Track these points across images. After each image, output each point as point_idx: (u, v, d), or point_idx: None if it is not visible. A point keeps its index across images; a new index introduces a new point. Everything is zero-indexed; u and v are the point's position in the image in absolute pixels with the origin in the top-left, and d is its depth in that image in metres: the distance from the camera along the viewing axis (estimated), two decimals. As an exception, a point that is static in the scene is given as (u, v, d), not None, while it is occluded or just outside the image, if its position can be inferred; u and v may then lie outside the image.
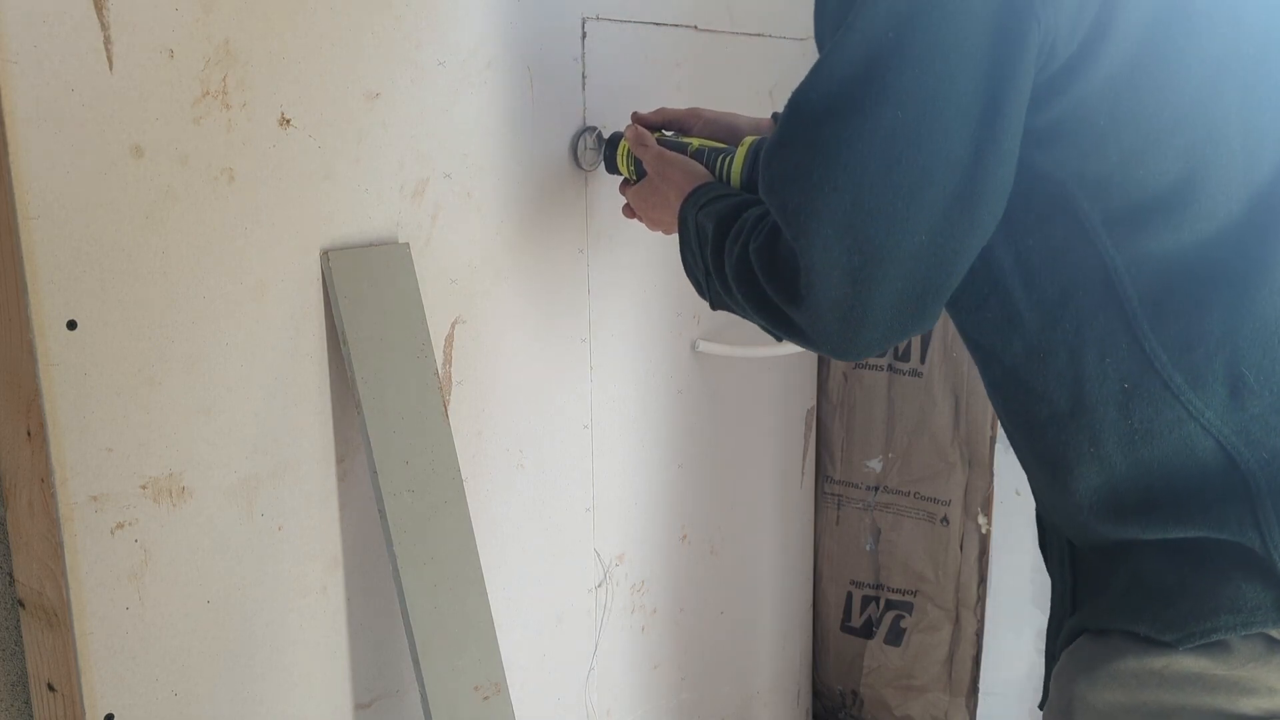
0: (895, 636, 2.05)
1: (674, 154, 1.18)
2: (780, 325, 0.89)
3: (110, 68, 0.93)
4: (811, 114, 0.81)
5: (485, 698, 1.21)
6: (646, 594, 1.66)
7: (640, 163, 1.23)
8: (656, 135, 1.25)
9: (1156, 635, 0.82)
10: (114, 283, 0.96)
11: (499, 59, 1.28)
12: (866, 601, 2.07)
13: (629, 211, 1.27)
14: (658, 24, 1.49)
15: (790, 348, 1.80)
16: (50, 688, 1.02)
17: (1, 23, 0.86)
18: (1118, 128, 0.78)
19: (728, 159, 1.14)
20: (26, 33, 0.88)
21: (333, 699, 1.22)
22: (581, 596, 1.54)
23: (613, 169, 1.33)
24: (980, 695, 2.00)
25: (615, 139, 1.32)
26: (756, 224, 0.90)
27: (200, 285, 1.03)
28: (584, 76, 1.40)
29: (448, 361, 1.28)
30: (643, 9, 1.47)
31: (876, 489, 2.03)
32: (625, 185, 1.29)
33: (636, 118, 1.30)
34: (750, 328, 1.71)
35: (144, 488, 1.01)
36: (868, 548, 2.06)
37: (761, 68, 1.69)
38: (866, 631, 2.08)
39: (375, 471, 1.14)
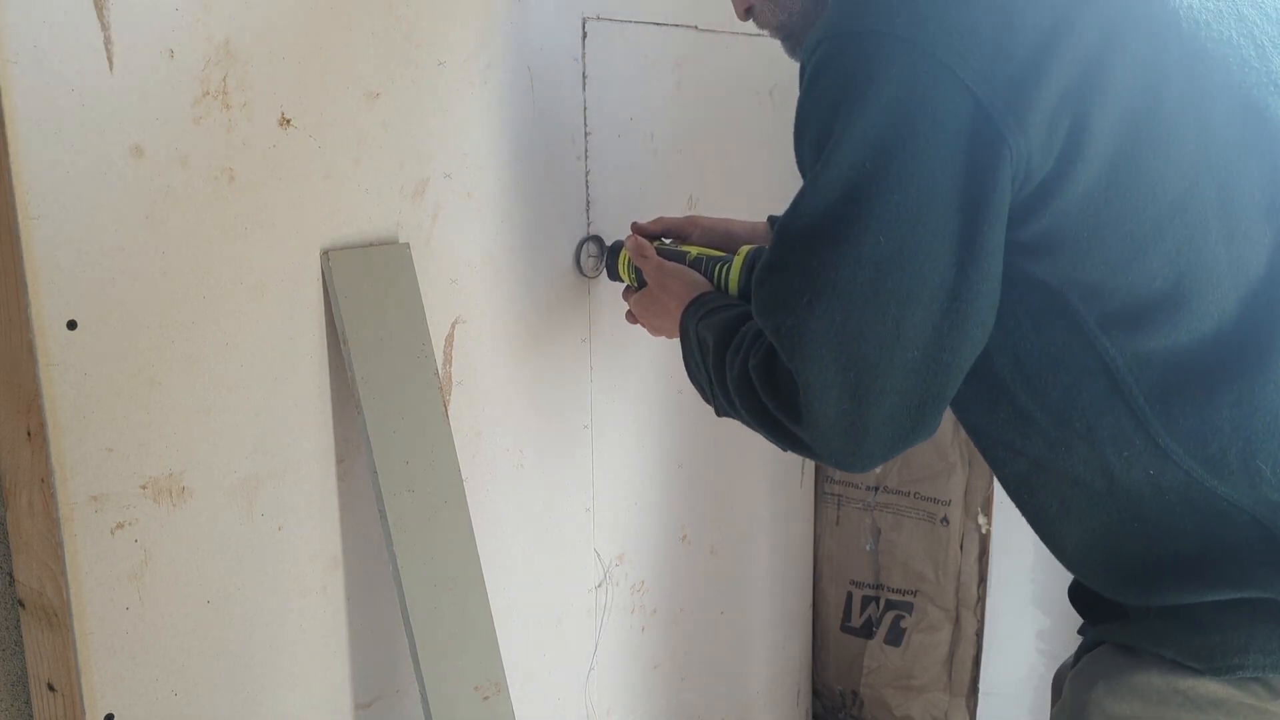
0: (895, 636, 2.05)
1: (673, 264, 1.22)
2: (784, 439, 0.91)
3: (110, 68, 0.93)
4: (799, 240, 0.83)
5: (485, 698, 1.21)
6: (646, 594, 1.66)
7: (641, 271, 1.26)
8: (655, 244, 1.28)
9: (1183, 660, 0.83)
10: (114, 283, 0.96)
11: (499, 59, 1.28)
12: (866, 601, 2.07)
13: (631, 318, 1.30)
14: (658, 24, 1.49)
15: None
16: (50, 688, 1.02)
17: (1, 23, 0.86)
18: (1101, 238, 0.79)
19: (725, 268, 1.17)
20: (26, 33, 0.88)
21: (333, 699, 1.22)
22: (581, 596, 1.54)
23: (614, 276, 1.36)
24: (980, 695, 2.00)
25: (616, 248, 1.35)
26: (755, 340, 0.92)
27: (200, 285, 1.03)
28: (584, 76, 1.40)
29: (448, 361, 1.28)
30: (643, 9, 1.47)
31: (876, 489, 2.03)
32: (628, 292, 1.32)
33: (636, 228, 1.33)
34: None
35: (144, 488, 1.01)
36: (868, 548, 2.06)
37: (761, 68, 1.69)
38: (866, 631, 2.08)
39: (375, 471, 1.14)
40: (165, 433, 1.02)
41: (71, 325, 0.94)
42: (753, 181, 1.72)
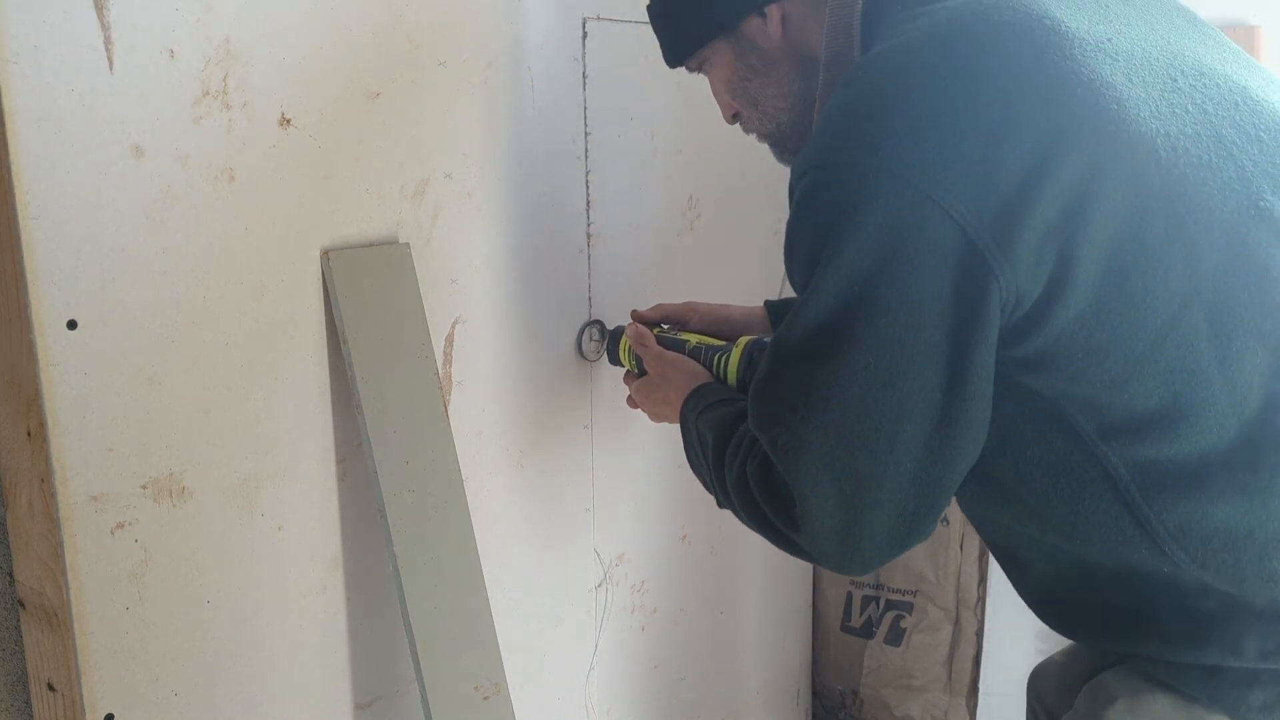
0: (895, 636, 2.05)
1: (673, 354, 1.24)
2: (782, 543, 0.92)
3: (110, 68, 0.93)
4: (792, 356, 0.86)
5: (485, 698, 1.21)
6: (646, 594, 1.66)
7: (641, 359, 1.28)
8: (655, 331, 1.30)
9: (1204, 700, 0.84)
10: (114, 283, 0.96)
11: (499, 59, 1.28)
12: (866, 601, 2.07)
13: (632, 403, 1.32)
14: (658, 24, 1.49)
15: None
16: (50, 687, 1.02)
17: (1, 23, 0.86)
18: (1095, 359, 0.81)
19: (724, 359, 1.19)
20: (26, 33, 0.88)
21: (333, 699, 1.22)
22: (581, 596, 1.54)
23: (615, 361, 1.38)
24: (980, 695, 2.00)
25: (617, 333, 1.37)
26: (752, 445, 0.93)
27: (200, 285, 1.03)
28: (584, 76, 1.40)
29: (448, 361, 1.28)
30: (643, 9, 1.46)
31: (876, 489, 2.02)
32: (629, 377, 1.34)
33: (636, 315, 1.35)
34: (750, 328, 1.69)
35: (144, 488, 1.01)
36: (868, 548, 2.05)
37: (761, 68, 1.69)
38: (866, 631, 2.08)
39: (375, 471, 1.14)
40: (165, 433, 1.02)
41: (71, 325, 0.94)
42: (752, 182, 1.72)
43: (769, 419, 0.87)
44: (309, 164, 1.10)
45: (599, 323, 1.47)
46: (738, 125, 1.16)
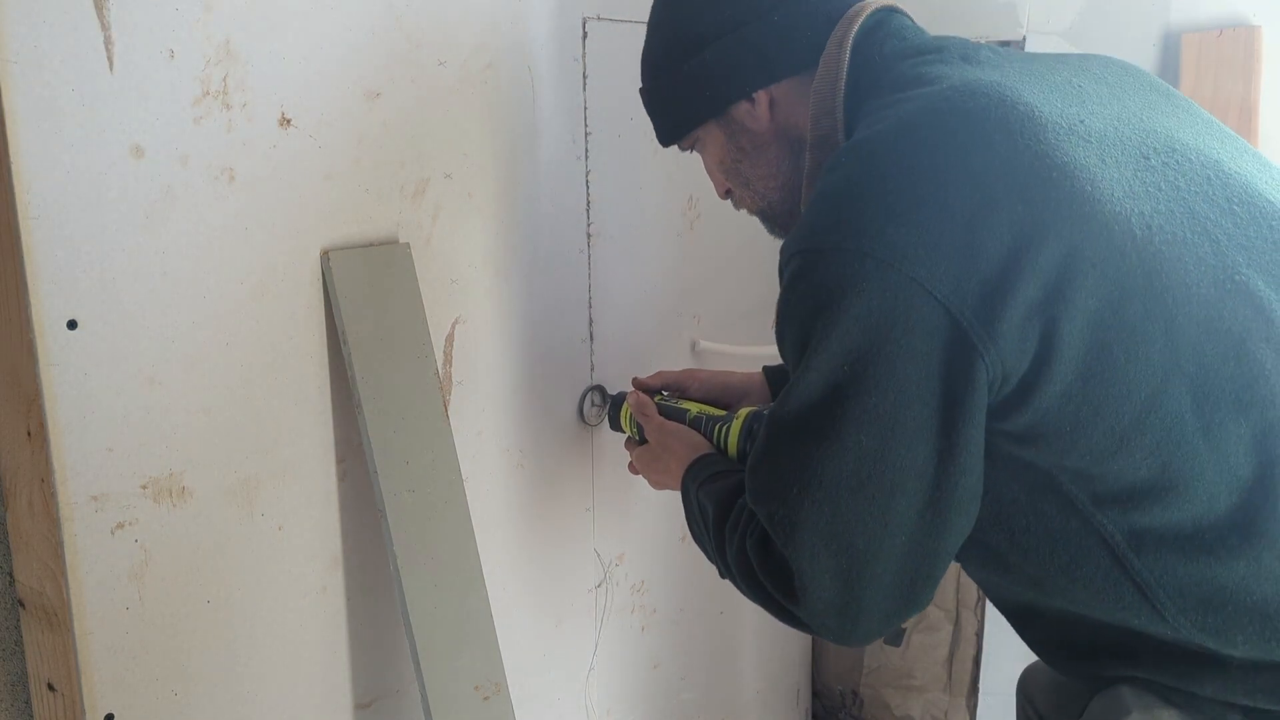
0: (895, 636, 2.05)
1: (674, 425, 1.26)
2: (782, 615, 0.94)
3: (110, 68, 0.93)
4: (787, 433, 0.88)
5: (485, 698, 1.21)
6: (646, 594, 1.66)
7: (643, 428, 1.30)
8: (656, 398, 1.32)
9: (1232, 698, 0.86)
10: (114, 283, 0.96)
11: (500, 59, 1.28)
12: (866, 601, 2.07)
13: (633, 469, 1.33)
14: (658, 24, 1.49)
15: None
16: (50, 688, 1.02)
17: (1, 23, 0.86)
18: (1083, 432, 0.82)
19: (724, 429, 1.20)
20: (26, 33, 0.88)
21: (333, 699, 1.22)
22: (581, 596, 1.54)
23: (616, 427, 1.39)
24: (980, 695, 2.00)
25: (619, 400, 1.38)
26: (751, 518, 0.95)
27: (200, 285, 1.03)
28: (584, 76, 1.40)
29: (448, 361, 1.28)
30: (643, 9, 1.46)
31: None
32: (630, 443, 1.35)
33: (637, 383, 1.37)
34: (749, 327, 1.71)
35: (144, 488, 1.01)
36: (868, 548, 2.05)
37: (762, 68, 1.69)
38: (866, 631, 2.07)
39: (375, 471, 1.14)
40: (165, 433, 1.02)
41: (71, 325, 0.94)
42: (753, 181, 1.72)
43: (766, 495, 0.90)
44: (309, 164, 1.10)
45: (600, 388, 1.51)
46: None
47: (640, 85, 1.18)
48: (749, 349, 1.72)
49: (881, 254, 0.81)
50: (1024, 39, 1.66)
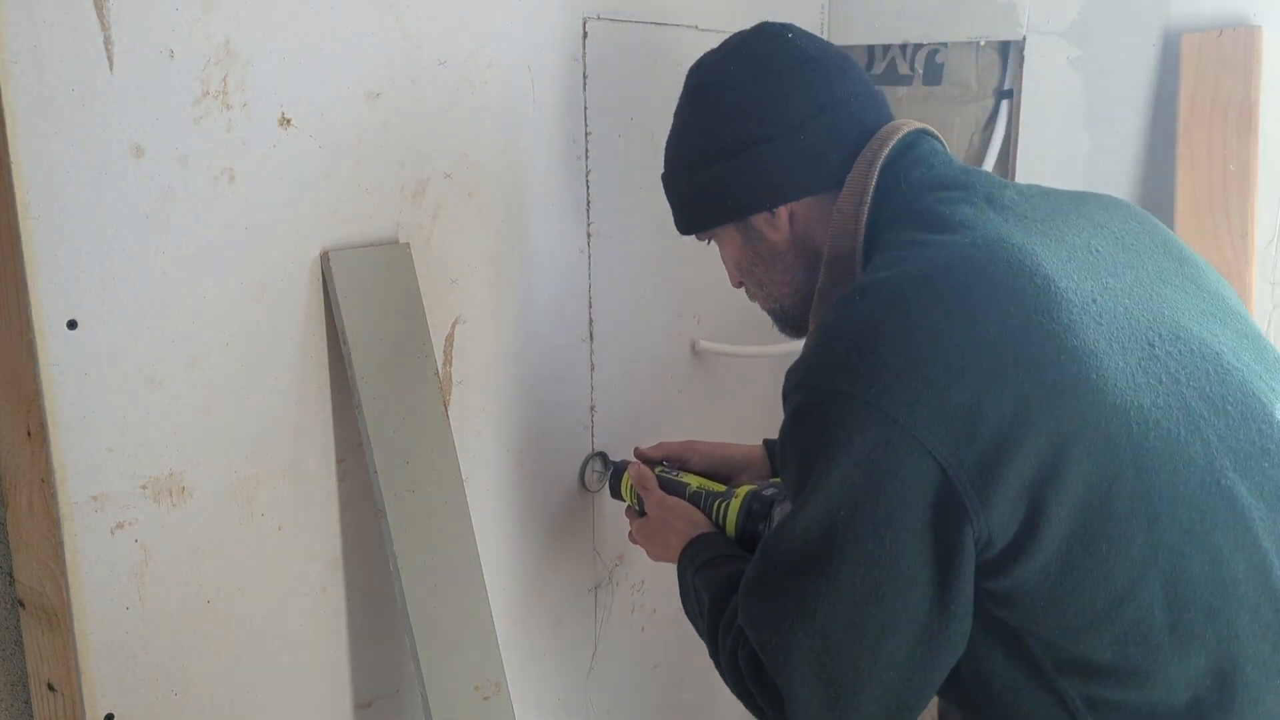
0: None
1: (674, 500, 1.28)
2: None
3: (110, 68, 0.93)
4: (782, 565, 0.91)
5: (485, 698, 1.21)
6: (646, 594, 1.66)
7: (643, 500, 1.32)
8: (657, 470, 1.34)
9: None
10: (114, 283, 0.96)
11: (500, 59, 1.27)
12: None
13: (633, 538, 1.36)
14: (658, 24, 1.49)
15: (790, 347, 1.80)
16: (50, 688, 1.02)
17: (1, 23, 0.86)
18: (1057, 608, 0.85)
19: (723, 506, 1.22)
20: (26, 32, 0.88)
21: (333, 699, 1.22)
22: (581, 596, 1.54)
23: (616, 495, 1.41)
24: (980, 695, 1.99)
25: (620, 470, 1.40)
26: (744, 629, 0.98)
27: (200, 285, 1.03)
28: (584, 76, 1.40)
29: (448, 361, 1.28)
30: (643, 9, 1.47)
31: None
32: (630, 512, 1.37)
33: (639, 454, 1.39)
34: (749, 327, 1.70)
35: (144, 488, 1.01)
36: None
37: (762, 68, 1.69)
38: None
39: (375, 471, 1.14)
40: (165, 433, 1.02)
41: (71, 325, 0.94)
42: (753, 181, 1.71)
43: (760, 623, 0.92)
44: (309, 164, 1.10)
45: (602, 455, 1.52)
46: None
47: (662, 171, 1.20)
48: (749, 349, 1.72)
49: (887, 407, 0.83)
50: (1024, 39, 1.66)
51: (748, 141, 1.07)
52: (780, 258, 1.11)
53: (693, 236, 1.21)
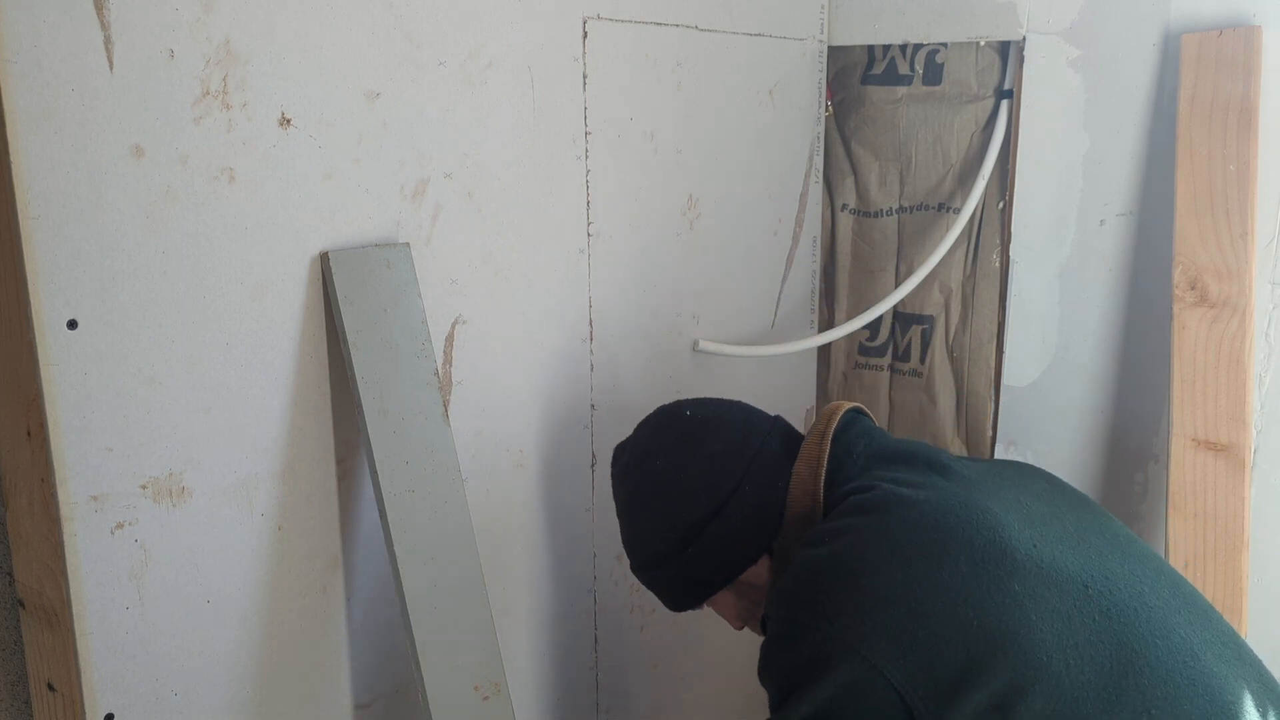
0: None
1: None
2: None
3: (110, 68, 0.93)
4: None
5: (485, 698, 1.21)
6: (646, 594, 1.66)
7: None
8: None
9: None
10: (114, 283, 0.96)
11: (500, 59, 1.28)
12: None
13: None
14: (658, 24, 1.49)
15: (790, 346, 1.80)
16: (50, 688, 1.03)
17: (1, 23, 0.86)
18: None
19: None
20: (26, 32, 0.88)
21: (333, 699, 1.22)
22: (581, 596, 1.54)
23: None
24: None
25: None
26: None
27: (200, 285, 1.03)
28: (584, 76, 1.40)
29: (448, 361, 1.28)
30: (643, 9, 1.47)
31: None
32: None
33: None
34: (749, 328, 1.71)
35: (144, 488, 1.01)
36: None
37: (761, 68, 1.69)
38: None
39: (375, 471, 1.14)
40: (165, 433, 1.02)
41: (71, 325, 0.94)
42: (753, 181, 1.72)
43: None
44: (309, 164, 1.10)
45: None
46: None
47: (630, 565, 1.27)
48: (749, 349, 1.73)
49: (852, 640, 0.95)
50: (1024, 39, 1.66)
51: (703, 521, 1.16)
52: (771, 589, 1.17)
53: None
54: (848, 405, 1.20)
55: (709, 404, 1.26)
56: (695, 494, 1.16)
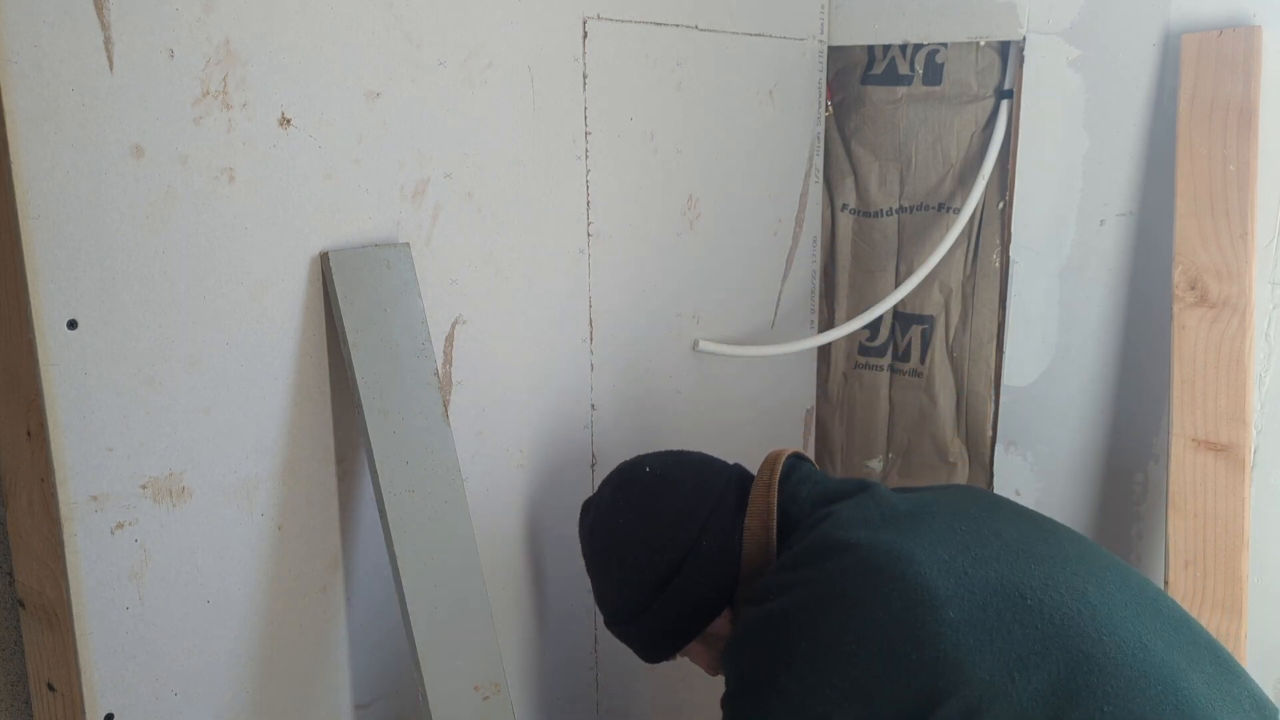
0: None
1: None
2: None
3: (110, 68, 0.93)
4: None
5: (485, 698, 1.21)
6: (646, 594, 1.66)
7: None
8: None
9: None
10: (114, 283, 0.96)
11: (500, 59, 1.28)
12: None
13: None
14: (658, 24, 1.49)
15: (790, 346, 1.80)
16: (50, 688, 1.03)
17: (1, 23, 0.86)
18: None
19: None
20: (26, 33, 0.88)
21: (333, 699, 1.22)
22: (581, 596, 1.54)
23: None
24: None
25: None
26: None
27: (200, 285, 1.03)
28: (584, 76, 1.40)
29: (448, 361, 1.28)
30: (643, 9, 1.47)
31: (876, 489, 2.03)
32: None
33: None
34: (749, 327, 1.71)
35: (144, 488, 1.01)
36: (868, 548, 2.05)
37: (761, 68, 1.69)
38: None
39: (375, 471, 1.14)
40: (165, 433, 1.02)
41: (71, 325, 0.94)
42: (752, 181, 1.72)
43: None
44: (309, 164, 1.10)
45: None
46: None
47: (604, 620, 1.31)
48: (749, 349, 1.73)
49: (798, 693, 1.00)
50: (1024, 39, 1.66)
51: (664, 579, 1.20)
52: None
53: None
54: (787, 452, 1.24)
55: (668, 458, 1.31)
56: (655, 552, 1.21)
